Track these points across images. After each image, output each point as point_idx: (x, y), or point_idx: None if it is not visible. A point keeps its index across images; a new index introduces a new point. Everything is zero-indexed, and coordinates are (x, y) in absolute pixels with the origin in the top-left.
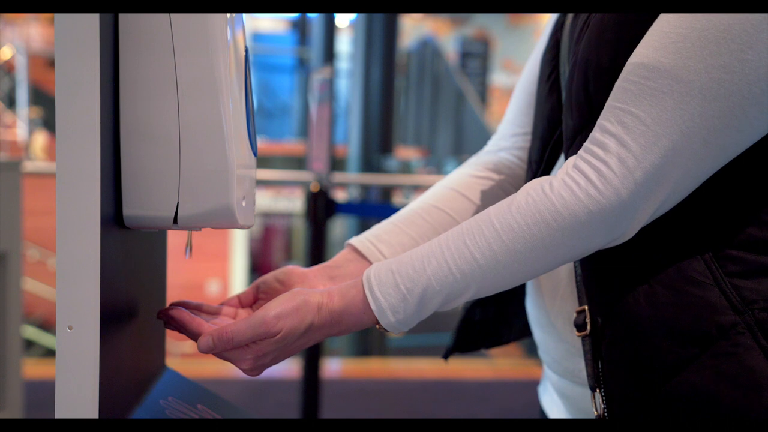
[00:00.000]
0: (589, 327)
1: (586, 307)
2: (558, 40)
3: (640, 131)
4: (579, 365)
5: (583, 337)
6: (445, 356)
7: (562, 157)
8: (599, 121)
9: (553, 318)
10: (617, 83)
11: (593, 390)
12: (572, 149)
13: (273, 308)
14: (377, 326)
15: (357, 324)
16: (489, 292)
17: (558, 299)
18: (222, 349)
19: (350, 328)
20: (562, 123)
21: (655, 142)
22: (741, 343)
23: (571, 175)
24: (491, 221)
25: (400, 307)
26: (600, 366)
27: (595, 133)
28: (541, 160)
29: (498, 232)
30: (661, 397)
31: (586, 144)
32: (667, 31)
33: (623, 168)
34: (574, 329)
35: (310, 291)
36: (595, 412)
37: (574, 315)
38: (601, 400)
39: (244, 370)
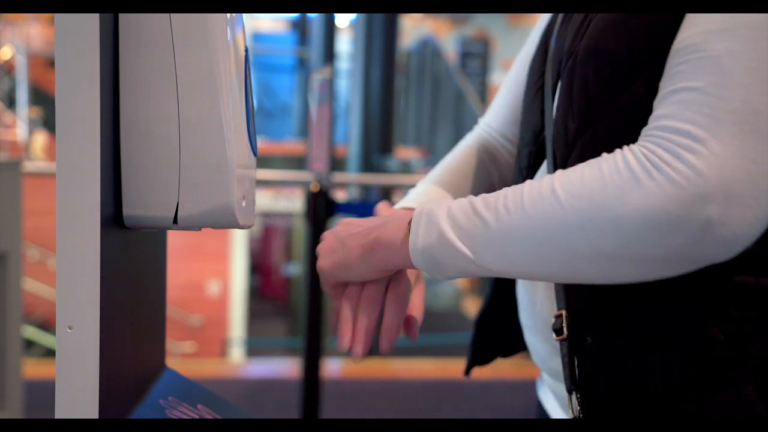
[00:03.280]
0: (566, 332)
1: (564, 313)
2: (547, 48)
3: (702, 101)
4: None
5: (561, 341)
6: (466, 372)
7: (545, 164)
8: (653, 114)
9: (534, 320)
10: (665, 73)
11: (569, 392)
12: (573, 156)
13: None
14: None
15: (395, 233)
16: (532, 254)
17: (538, 302)
18: None
19: (387, 237)
20: (554, 129)
21: (725, 107)
22: (742, 375)
23: (637, 156)
24: (555, 173)
25: (431, 224)
26: (577, 369)
27: (650, 125)
28: (530, 166)
29: (553, 180)
30: (660, 417)
31: (643, 139)
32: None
33: (696, 144)
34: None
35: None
36: (572, 414)
37: (553, 319)
38: (576, 402)
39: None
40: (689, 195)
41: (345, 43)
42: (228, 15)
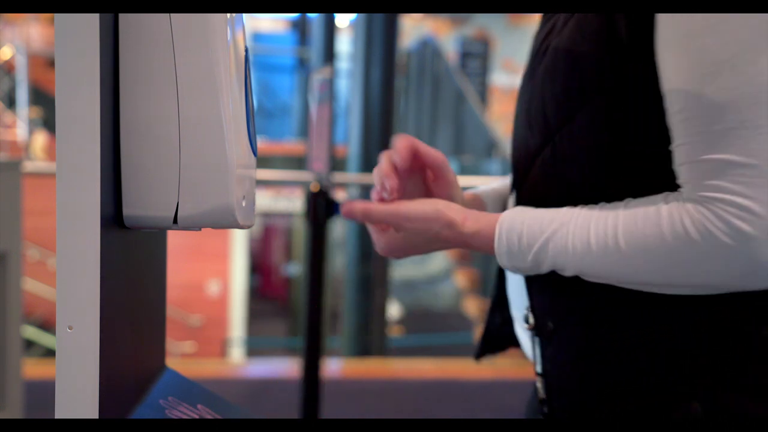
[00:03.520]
0: (532, 321)
1: (531, 306)
2: None
3: (744, 173)
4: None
5: (530, 330)
6: (477, 357)
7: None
8: (697, 181)
9: (516, 312)
10: (680, 123)
11: (536, 375)
12: (533, 171)
13: (408, 208)
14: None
15: (480, 249)
16: (597, 278)
17: (515, 294)
18: (359, 219)
19: (473, 249)
20: (513, 144)
21: (763, 174)
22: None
23: (706, 216)
24: (618, 216)
25: (517, 257)
26: (540, 356)
27: (696, 193)
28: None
29: (617, 227)
30: (615, 414)
31: (692, 203)
32: (694, 57)
33: (743, 212)
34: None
35: (449, 206)
36: (540, 396)
37: (525, 312)
38: (542, 386)
39: (380, 250)
40: (741, 255)
41: (345, 43)
42: (228, 15)
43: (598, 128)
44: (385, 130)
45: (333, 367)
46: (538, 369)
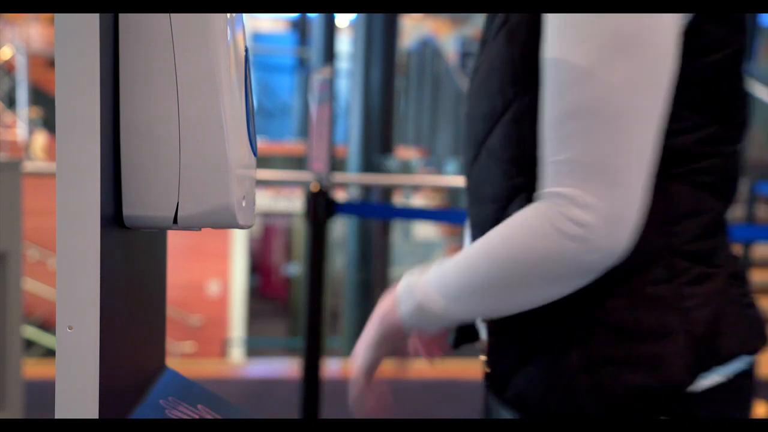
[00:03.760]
0: None
1: None
2: None
3: (577, 169)
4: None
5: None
6: (454, 345)
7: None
8: (546, 181)
9: None
10: (546, 121)
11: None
12: (471, 181)
13: None
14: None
15: (391, 317)
16: (477, 299)
17: None
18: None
19: (389, 322)
20: (465, 161)
21: (593, 170)
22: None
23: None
24: (488, 234)
25: (419, 314)
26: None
27: (550, 189)
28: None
29: (484, 244)
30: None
31: (542, 201)
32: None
33: (580, 206)
34: None
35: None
36: (486, 371)
37: None
38: (486, 365)
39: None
40: (584, 242)
41: (345, 43)
42: (228, 15)
43: (508, 142)
44: (385, 130)
45: (333, 367)
46: (484, 352)
